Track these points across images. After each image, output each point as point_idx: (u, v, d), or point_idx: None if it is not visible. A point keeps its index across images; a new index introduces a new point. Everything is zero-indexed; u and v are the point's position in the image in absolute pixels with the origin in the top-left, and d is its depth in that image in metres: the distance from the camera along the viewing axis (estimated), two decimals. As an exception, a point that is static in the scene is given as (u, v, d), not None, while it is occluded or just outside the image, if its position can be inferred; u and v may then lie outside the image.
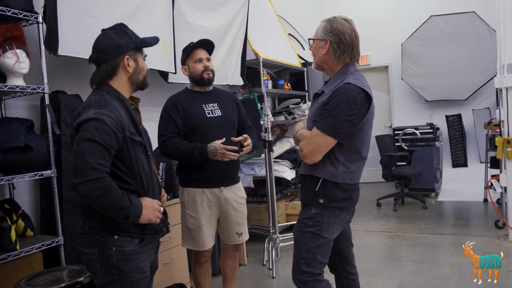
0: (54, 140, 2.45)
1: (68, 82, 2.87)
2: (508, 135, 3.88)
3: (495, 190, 4.12)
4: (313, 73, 5.67)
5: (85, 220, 1.67)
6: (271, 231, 3.90)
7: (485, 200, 5.47)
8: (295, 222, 4.40)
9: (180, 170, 2.50)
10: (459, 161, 6.55)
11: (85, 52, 2.59)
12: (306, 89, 5.45)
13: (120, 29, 1.71)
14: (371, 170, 7.24)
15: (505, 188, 4.01)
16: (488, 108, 6.27)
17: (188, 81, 2.59)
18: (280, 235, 3.98)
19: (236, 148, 2.40)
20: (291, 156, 4.89)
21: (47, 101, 2.40)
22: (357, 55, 1.98)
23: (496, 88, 3.95)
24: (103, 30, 1.72)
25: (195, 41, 2.52)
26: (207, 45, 2.54)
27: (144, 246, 1.70)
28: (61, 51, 2.45)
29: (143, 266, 1.69)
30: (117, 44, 1.66)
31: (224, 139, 2.39)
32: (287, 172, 4.65)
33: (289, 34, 5.59)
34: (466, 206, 5.51)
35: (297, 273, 1.96)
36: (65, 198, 2.58)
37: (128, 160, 1.64)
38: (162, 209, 1.73)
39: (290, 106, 5.20)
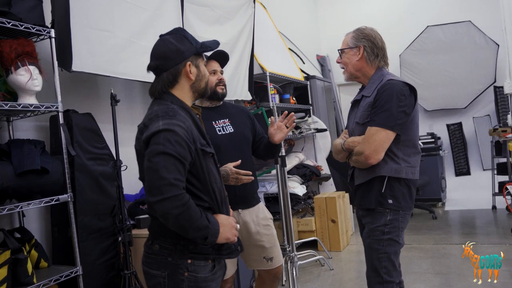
0: (68, 162, 2.29)
1: (78, 100, 2.72)
2: (522, 140, 3.84)
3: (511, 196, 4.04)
4: (316, 86, 5.62)
5: (154, 239, 1.53)
6: (288, 249, 3.74)
7: (494, 207, 5.41)
8: (309, 239, 4.39)
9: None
10: (462, 169, 6.51)
11: (99, 67, 2.48)
12: (310, 102, 5.38)
13: (179, 33, 1.58)
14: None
15: (522, 193, 3.95)
16: (489, 115, 6.27)
17: None
18: (297, 253, 3.83)
19: (250, 172, 2.15)
20: (300, 171, 4.77)
21: (61, 120, 2.25)
22: (387, 61, 2.07)
23: (506, 94, 3.91)
24: (161, 36, 1.59)
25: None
26: (222, 57, 2.34)
27: (216, 273, 1.57)
28: (75, 67, 2.31)
29: None
30: (178, 49, 1.53)
31: (239, 161, 2.13)
32: (298, 188, 4.53)
33: (289, 48, 5.55)
34: (476, 214, 5.44)
35: (376, 283, 1.90)
36: (80, 225, 2.41)
37: (201, 174, 1.50)
38: (238, 226, 1.60)
39: (296, 120, 5.11)
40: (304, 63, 6.08)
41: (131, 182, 2.87)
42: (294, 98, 5.03)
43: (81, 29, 2.36)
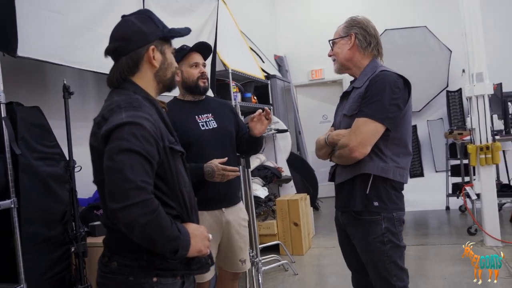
0: (11, 162, 1.98)
1: (24, 92, 2.40)
2: (480, 142, 3.92)
3: (469, 198, 4.13)
4: (276, 86, 5.51)
5: (112, 256, 1.29)
6: (252, 254, 3.57)
7: (447, 208, 5.55)
8: (272, 243, 4.24)
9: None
10: (416, 171, 6.67)
11: (49, 54, 2.19)
12: (271, 102, 5.25)
13: (145, 14, 1.37)
14: (328, 185, 7.18)
15: (479, 194, 4.04)
16: (442, 118, 6.46)
17: None
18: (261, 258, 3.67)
19: (237, 168, 2.11)
20: (261, 172, 4.63)
21: (3, 113, 1.94)
22: (382, 51, 1.93)
23: (466, 97, 3.99)
24: (123, 16, 1.38)
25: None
26: (204, 49, 2.24)
27: None
28: (21, 51, 2.00)
29: None
30: (141, 31, 1.32)
31: (226, 158, 2.08)
32: (259, 190, 4.38)
33: (249, 47, 5.40)
34: (430, 215, 5.57)
35: None
36: (24, 234, 2.09)
37: (169, 176, 1.29)
38: (210, 236, 1.38)
39: (256, 120, 4.96)
40: (263, 62, 5.95)
41: (85, 185, 2.57)
42: (255, 97, 4.89)
43: (29, 9, 2.05)
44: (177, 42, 2.38)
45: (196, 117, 2.20)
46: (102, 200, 1.29)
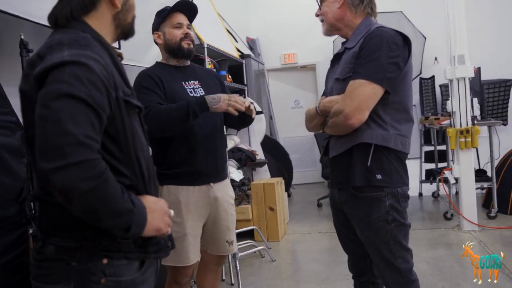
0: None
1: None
2: (460, 126, 3.87)
3: (447, 182, 4.09)
4: (250, 67, 5.28)
5: (47, 238, 1.02)
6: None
7: (420, 194, 5.54)
8: (247, 228, 4.04)
9: (159, 163, 1.88)
10: (387, 158, 6.64)
11: (4, 2, 1.86)
12: (245, 82, 5.02)
13: None
14: (307, 171, 7.07)
15: (457, 179, 4.00)
16: (415, 105, 6.44)
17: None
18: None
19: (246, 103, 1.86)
20: (235, 155, 4.40)
21: None
22: (376, 10, 1.74)
23: (448, 79, 3.92)
24: None
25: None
26: (189, 10, 2.01)
27: (145, 272, 1.10)
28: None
29: None
30: None
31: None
32: (234, 173, 4.16)
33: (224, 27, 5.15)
34: (403, 202, 5.54)
35: (396, 275, 1.62)
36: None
37: (123, 137, 1.03)
38: (171, 212, 1.13)
39: (231, 101, 4.73)
40: (237, 41, 5.71)
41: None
42: (230, 76, 4.65)
43: None
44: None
45: (183, 82, 1.99)
46: (33, 163, 1.02)
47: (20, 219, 1.95)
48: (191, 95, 1.96)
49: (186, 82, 2.00)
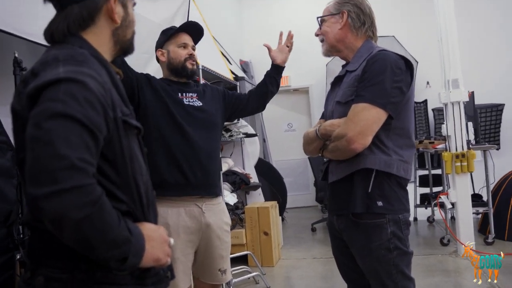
0: None
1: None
2: (456, 150, 3.87)
3: (443, 207, 4.05)
4: (245, 89, 5.27)
5: (36, 268, 0.95)
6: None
7: (415, 219, 5.49)
8: (241, 253, 3.94)
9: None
10: (381, 182, 6.62)
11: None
12: (240, 105, 5.00)
13: None
14: (301, 194, 7.00)
15: (454, 203, 3.96)
16: (408, 129, 6.47)
17: None
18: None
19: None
20: (229, 178, 4.34)
21: None
22: (376, 33, 1.73)
23: (443, 103, 3.93)
24: None
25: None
26: (196, 31, 2.04)
27: None
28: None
29: None
30: None
31: None
32: (228, 196, 4.08)
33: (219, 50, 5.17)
34: (398, 226, 5.48)
35: None
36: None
37: (120, 160, 0.97)
38: (172, 240, 1.06)
39: (225, 123, 4.69)
40: (231, 64, 5.72)
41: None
42: (224, 99, 4.63)
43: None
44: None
45: (180, 94, 1.98)
46: (23, 185, 0.94)
47: (7, 244, 1.87)
48: (187, 103, 1.96)
49: (183, 94, 1.98)
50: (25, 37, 1.97)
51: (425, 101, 6.16)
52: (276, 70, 2.21)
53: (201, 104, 1.99)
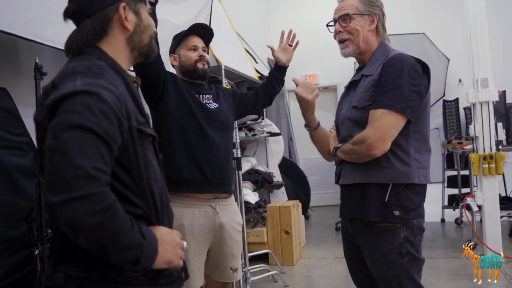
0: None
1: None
2: (484, 151, 3.74)
3: (470, 209, 3.93)
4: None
5: (57, 265, 1.02)
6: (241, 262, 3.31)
7: (443, 220, 5.35)
8: (261, 251, 3.97)
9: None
10: (409, 182, 6.48)
11: (21, 28, 1.92)
12: (264, 104, 5.02)
13: None
14: (327, 193, 6.94)
15: (480, 206, 3.84)
16: (438, 128, 6.29)
17: None
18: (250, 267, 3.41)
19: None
20: (252, 177, 4.37)
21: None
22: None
23: (471, 103, 3.81)
24: None
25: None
26: (205, 33, 2.07)
27: None
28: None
29: None
30: None
31: None
32: (250, 195, 4.12)
33: (244, 48, 5.20)
34: (425, 228, 5.31)
35: None
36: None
37: (135, 167, 1.03)
38: (184, 243, 1.11)
39: (248, 122, 4.73)
40: (257, 62, 5.74)
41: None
42: (248, 98, 4.66)
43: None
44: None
45: (197, 95, 2.03)
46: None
47: (28, 240, 1.97)
48: (203, 102, 2.02)
49: (201, 96, 2.03)
50: (46, 43, 2.07)
51: (457, 100, 5.97)
52: (280, 70, 2.26)
53: (217, 105, 2.05)
